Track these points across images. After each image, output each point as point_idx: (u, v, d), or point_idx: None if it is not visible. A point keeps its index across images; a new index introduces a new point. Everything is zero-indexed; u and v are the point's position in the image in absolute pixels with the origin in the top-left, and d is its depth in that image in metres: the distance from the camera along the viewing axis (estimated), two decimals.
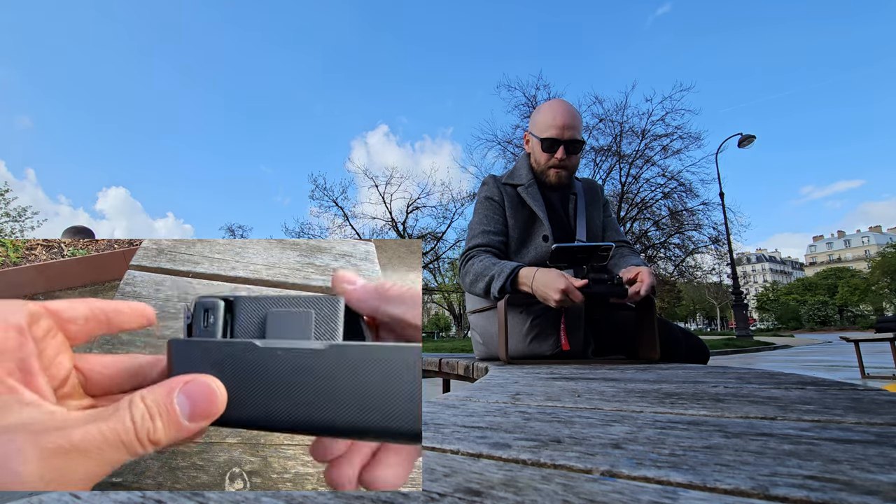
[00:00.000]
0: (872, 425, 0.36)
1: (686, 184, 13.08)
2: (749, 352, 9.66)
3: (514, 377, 0.82)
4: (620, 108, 12.98)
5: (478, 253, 1.34)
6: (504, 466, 0.27)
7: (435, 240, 16.98)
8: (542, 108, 1.41)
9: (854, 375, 4.50)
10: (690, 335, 1.35)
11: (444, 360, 1.64)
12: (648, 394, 0.57)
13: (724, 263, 13.91)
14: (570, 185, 1.47)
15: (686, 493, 0.22)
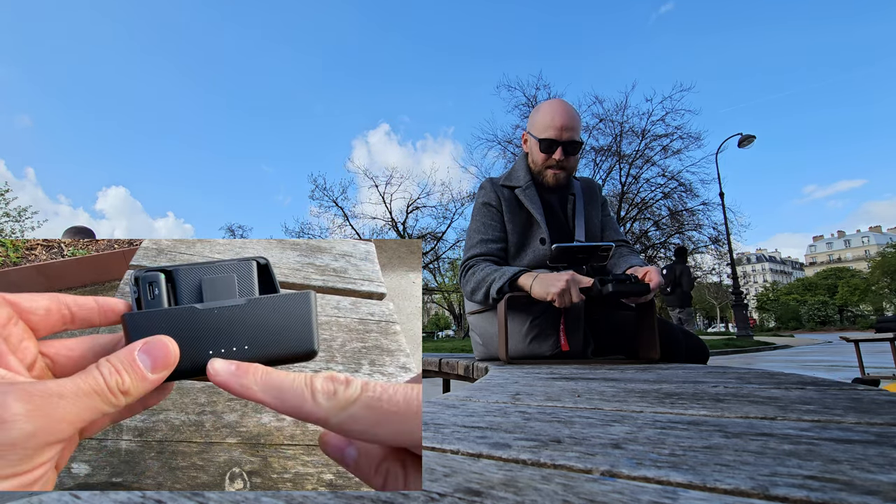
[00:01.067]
0: (872, 425, 0.36)
1: (686, 184, 13.09)
2: (749, 352, 9.65)
3: (514, 377, 0.82)
4: (620, 108, 12.99)
5: (477, 262, 1.34)
6: (504, 466, 0.27)
7: (435, 240, 16.98)
8: (540, 109, 1.41)
9: (854, 375, 4.50)
10: (690, 335, 1.35)
11: (444, 360, 1.64)
12: (648, 394, 0.57)
13: (724, 263, 13.92)
14: (569, 186, 1.47)
15: (686, 493, 0.22)
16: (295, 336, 0.36)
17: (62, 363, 0.31)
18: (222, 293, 0.38)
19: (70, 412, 0.24)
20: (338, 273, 1.09)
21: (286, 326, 0.36)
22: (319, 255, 1.16)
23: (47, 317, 0.31)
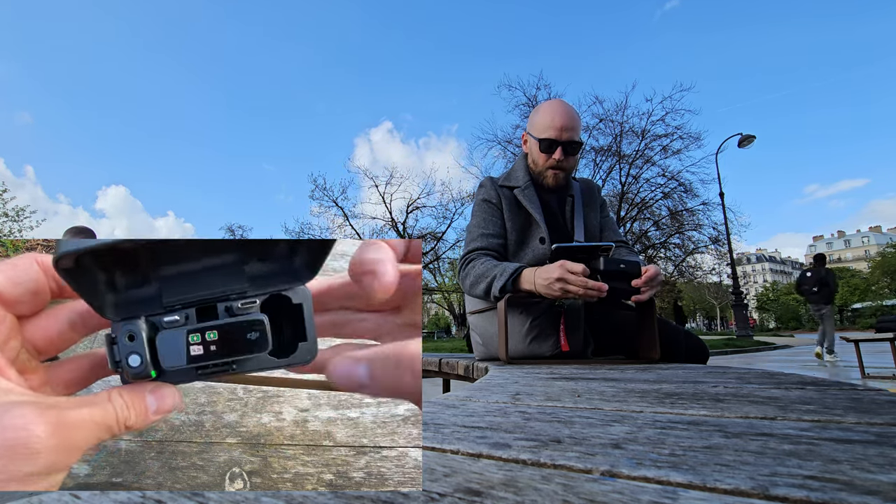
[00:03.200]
0: (872, 425, 0.36)
1: (686, 184, 13.10)
2: (749, 352, 9.65)
3: (514, 377, 0.82)
4: (620, 108, 13.00)
5: (477, 256, 1.34)
6: (504, 466, 0.27)
7: (435, 240, 16.98)
8: (540, 109, 1.41)
9: (854, 375, 4.50)
10: (690, 335, 1.35)
11: (444, 360, 1.64)
12: (648, 394, 0.57)
13: (724, 263, 13.92)
14: (568, 186, 1.47)
15: (686, 493, 0.22)
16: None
17: (41, 346, 0.32)
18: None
19: (84, 441, 0.27)
20: (337, 273, 1.09)
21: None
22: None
23: (34, 299, 0.31)
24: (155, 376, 0.31)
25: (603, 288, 1.08)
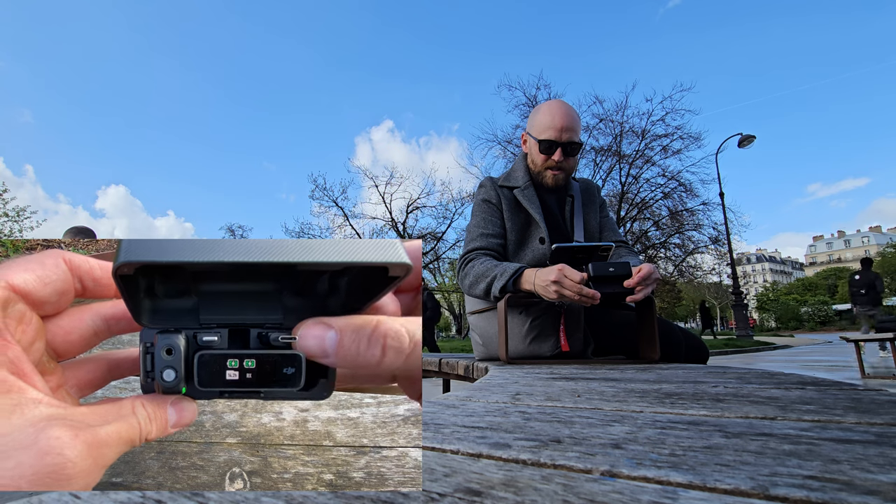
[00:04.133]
0: (872, 425, 0.36)
1: (686, 184, 13.11)
2: (749, 352, 9.65)
3: (514, 377, 0.82)
4: (621, 107, 13.01)
5: (477, 255, 1.34)
6: (504, 466, 0.27)
7: (435, 240, 16.99)
8: (540, 109, 1.41)
9: (854, 375, 4.50)
10: (690, 335, 1.35)
11: (444, 360, 1.64)
12: (648, 394, 0.57)
13: (724, 263, 13.93)
14: (567, 187, 1.47)
15: (686, 493, 0.22)
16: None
17: (62, 349, 0.31)
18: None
19: (111, 459, 0.27)
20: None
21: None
22: None
23: (60, 300, 0.29)
24: (184, 392, 0.30)
25: (596, 296, 1.08)
